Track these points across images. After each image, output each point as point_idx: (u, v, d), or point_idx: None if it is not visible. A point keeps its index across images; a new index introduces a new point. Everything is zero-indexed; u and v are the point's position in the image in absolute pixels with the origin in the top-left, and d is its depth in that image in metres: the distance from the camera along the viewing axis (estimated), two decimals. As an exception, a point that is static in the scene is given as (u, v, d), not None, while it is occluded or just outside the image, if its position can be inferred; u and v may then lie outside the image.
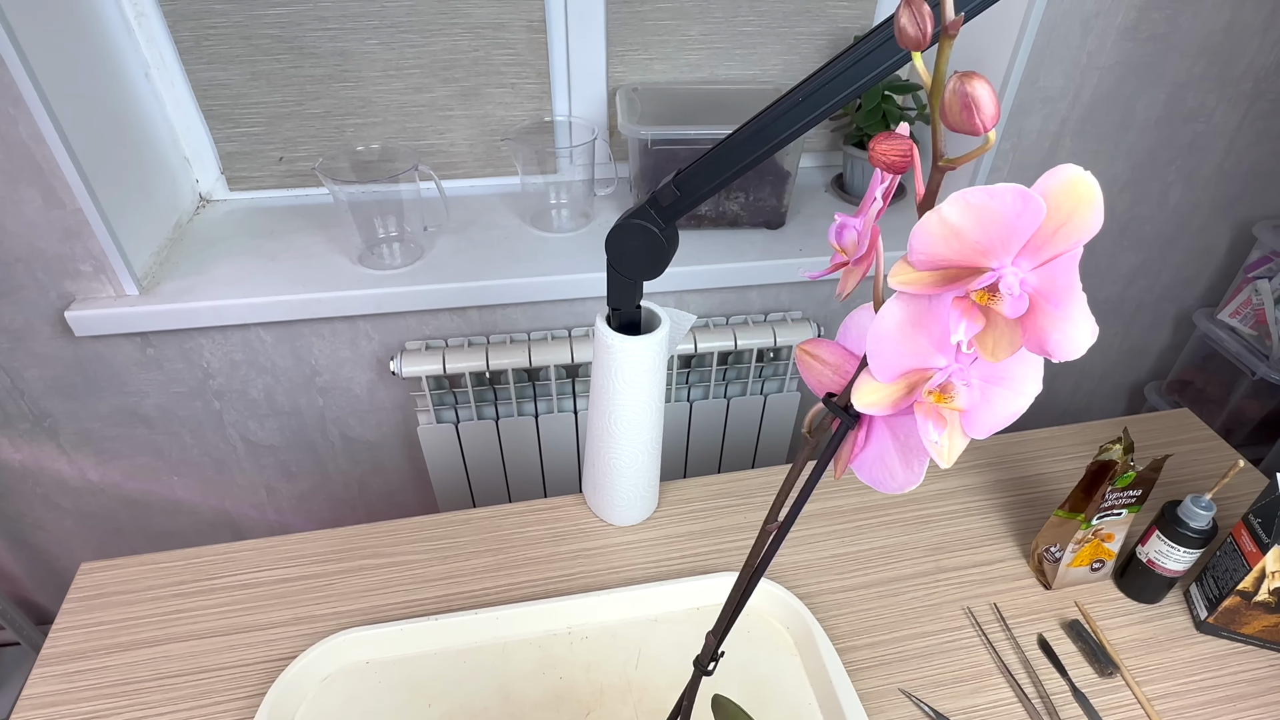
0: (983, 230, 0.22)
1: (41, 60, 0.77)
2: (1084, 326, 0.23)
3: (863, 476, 0.32)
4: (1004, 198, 0.22)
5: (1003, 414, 0.27)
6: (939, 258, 0.23)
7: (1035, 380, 0.27)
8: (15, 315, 0.93)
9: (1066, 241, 0.22)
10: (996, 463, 0.83)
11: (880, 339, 0.26)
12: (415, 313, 1.01)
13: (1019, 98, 0.97)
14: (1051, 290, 0.23)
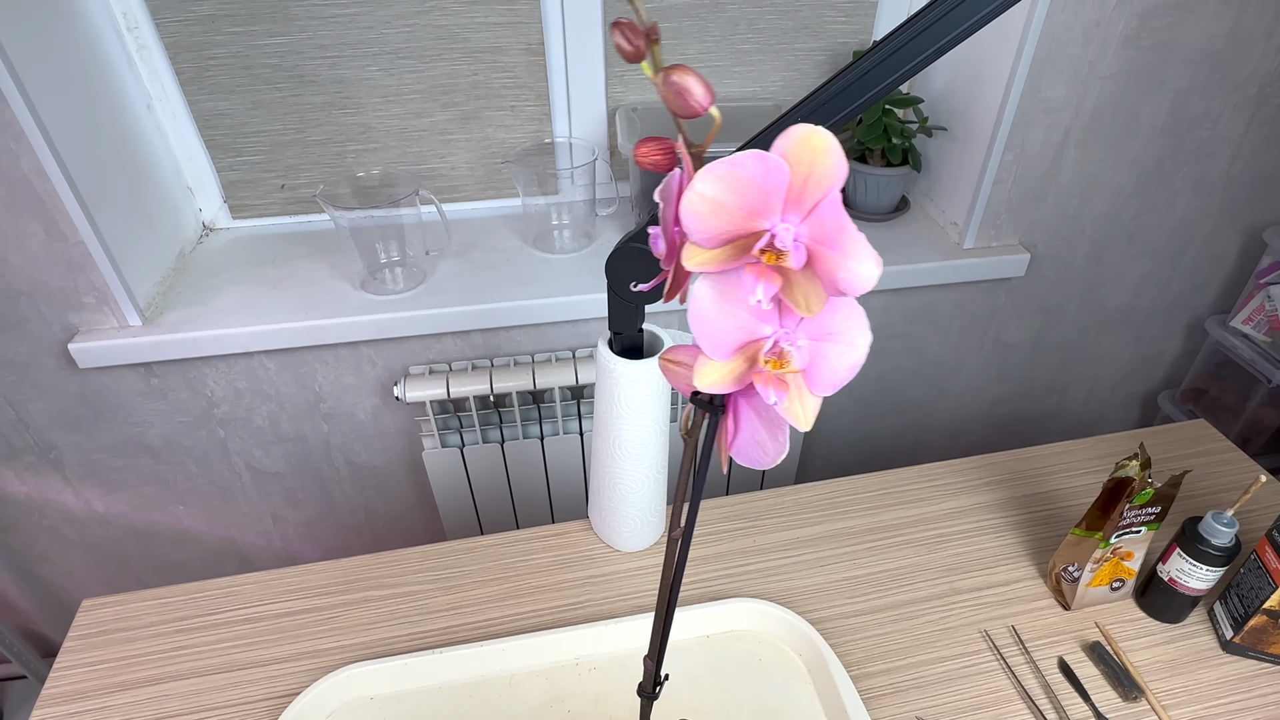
0: (740, 196, 0.24)
1: (43, 95, 0.77)
2: (864, 260, 0.24)
3: (742, 460, 0.33)
4: (746, 164, 0.24)
5: (841, 368, 0.28)
6: (716, 231, 0.25)
7: (862, 331, 0.28)
8: (19, 348, 0.93)
9: (819, 190, 0.24)
10: (1010, 479, 0.81)
11: (702, 320, 0.27)
12: (418, 337, 1.01)
13: (1021, 109, 0.96)
14: (823, 235, 0.25)
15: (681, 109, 0.25)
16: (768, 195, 0.25)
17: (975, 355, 1.24)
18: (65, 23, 0.82)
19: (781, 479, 1.23)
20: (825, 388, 0.29)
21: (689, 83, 0.24)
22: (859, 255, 0.25)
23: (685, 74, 0.24)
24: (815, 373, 0.29)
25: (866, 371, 1.21)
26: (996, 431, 1.38)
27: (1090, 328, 1.26)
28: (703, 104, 0.25)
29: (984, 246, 1.08)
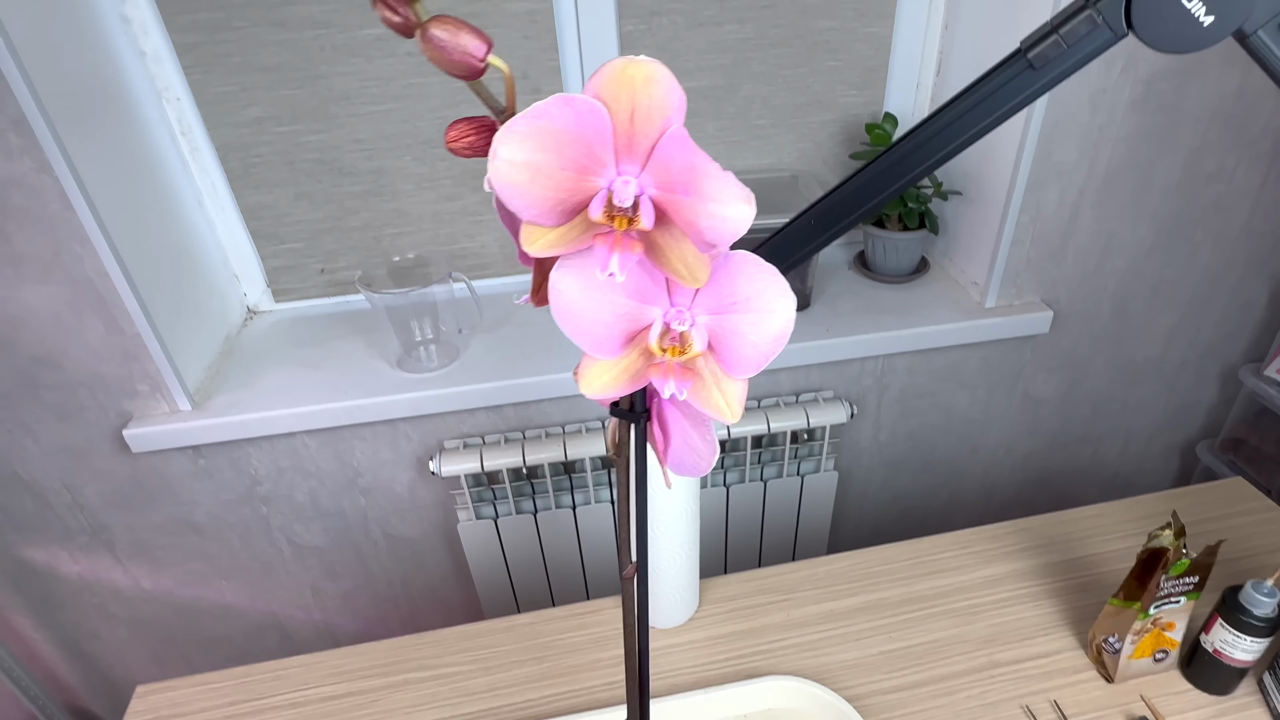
0: (557, 153, 0.21)
1: (107, 201, 0.83)
2: (729, 200, 0.20)
3: (680, 471, 0.30)
4: (550, 112, 0.20)
5: (760, 341, 0.24)
6: (546, 201, 0.21)
7: (777, 294, 0.24)
8: (77, 435, 0.97)
9: (650, 127, 0.20)
10: (1044, 545, 0.81)
11: (571, 314, 0.24)
12: (453, 413, 1.04)
13: (1034, 173, 0.98)
14: (671, 179, 0.21)
15: (456, 67, 0.21)
16: (590, 145, 0.21)
17: (1004, 411, 1.24)
18: (128, 133, 0.89)
19: (813, 545, 1.23)
20: (745, 367, 0.25)
21: (449, 33, 0.21)
22: (721, 195, 0.21)
23: (442, 25, 0.21)
24: (728, 352, 0.25)
25: (895, 430, 1.21)
26: (1031, 487, 1.36)
27: (1120, 380, 1.25)
28: (476, 54, 0.21)
29: (1006, 305, 1.09)
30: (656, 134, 0.21)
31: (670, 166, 0.21)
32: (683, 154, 0.21)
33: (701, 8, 1.00)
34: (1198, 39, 0.33)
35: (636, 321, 0.24)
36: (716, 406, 0.25)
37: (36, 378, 0.91)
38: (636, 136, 0.21)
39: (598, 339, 0.24)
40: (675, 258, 0.23)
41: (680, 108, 0.21)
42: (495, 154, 0.21)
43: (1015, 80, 0.37)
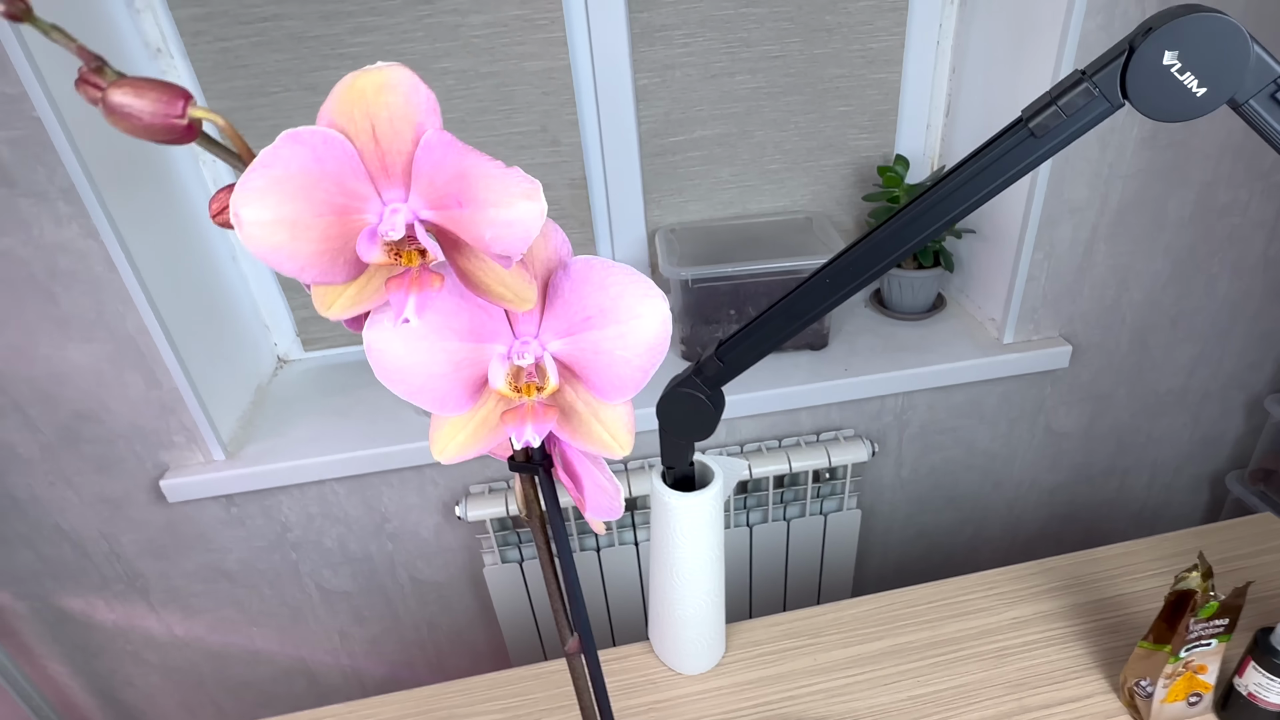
0: (307, 200, 0.18)
1: (147, 262, 0.87)
2: (510, 199, 0.18)
3: (600, 515, 0.27)
4: (281, 158, 0.18)
5: (632, 353, 0.21)
6: (319, 257, 0.18)
7: (640, 295, 0.21)
8: (116, 486, 1.00)
9: (401, 140, 0.18)
10: (1071, 585, 0.80)
11: (401, 375, 0.21)
12: (477, 458, 1.06)
13: (1046, 210, 0.99)
14: (441, 193, 0.18)
15: (159, 132, 0.19)
16: (341, 181, 0.18)
17: (1027, 445, 1.23)
18: (167, 194, 0.93)
19: (838, 583, 1.22)
20: (621, 388, 0.22)
21: (131, 95, 0.18)
22: (499, 197, 0.18)
23: (122, 89, 0.18)
24: (596, 375, 0.22)
25: (916, 466, 1.21)
26: (1058, 521, 1.35)
27: (1144, 412, 1.25)
28: (172, 110, 0.18)
29: (1024, 341, 1.10)
30: (410, 147, 0.18)
31: (435, 179, 0.18)
32: (446, 161, 0.18)
33: (713, 60, 1.03)
34: (1192, 109, 0.35)
35: (480, 365, 0.21)
36: (600, 440, 0.23)
37: (79, 431, 0.95)
38: (388, 156, 0.18)
39: (439, 395, 0.21)
40: (492, 281, 0.20)
41: (430, 110, 0.18)
42: (238, 219, 0.18)
43: (1018, 148, 0.38)
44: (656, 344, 0.22)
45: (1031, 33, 0.93)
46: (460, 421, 0.22)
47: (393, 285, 0.19)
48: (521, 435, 0.22)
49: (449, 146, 0.18)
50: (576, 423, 0.24)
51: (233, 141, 0.20)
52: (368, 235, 0.19)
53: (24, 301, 0.85)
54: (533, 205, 0.19)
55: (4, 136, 0.76)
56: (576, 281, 0.22)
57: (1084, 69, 0.36)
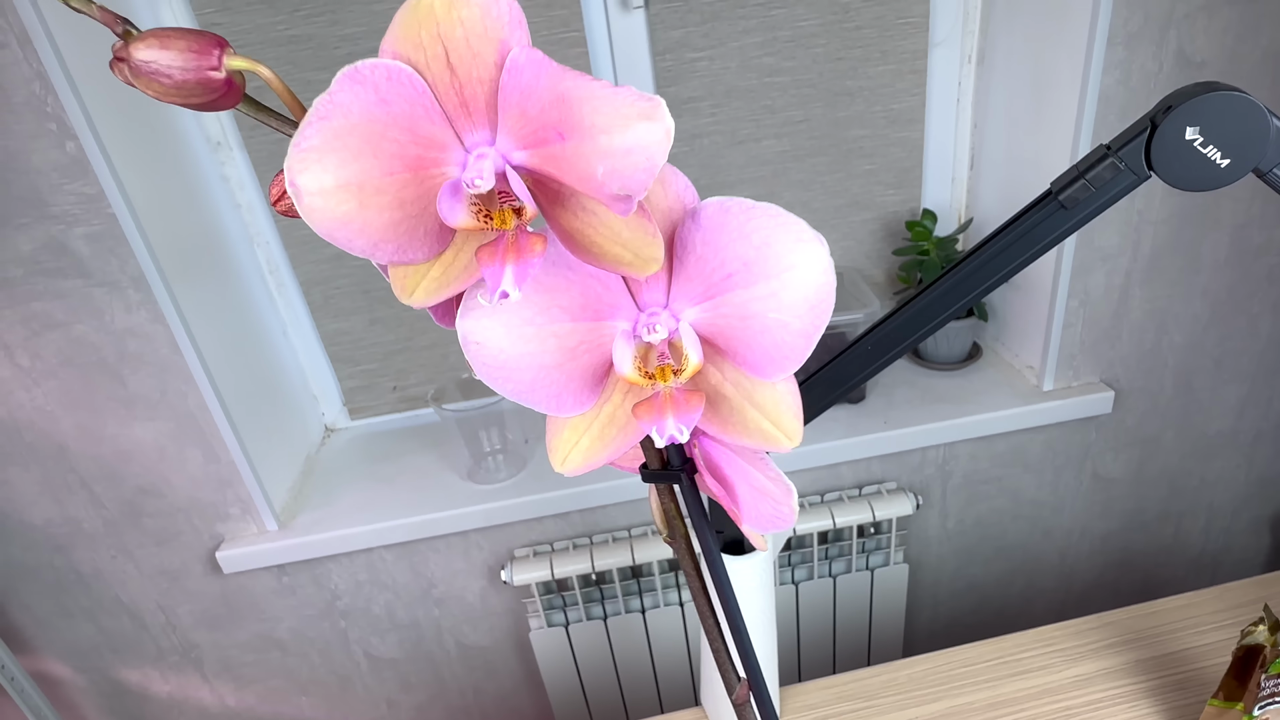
0: (375, 156, 0.15)
1: (208, 342, 0.91)
2: (623, 120, 0.15)
3: (761, 526, 0.23)
4: (340, 105, 0.15)
5: (790, 315, 0.17)
6: (396, 228, 0.15)
7: (791, 239, 0.17)
8: (174, 559, 1.03)
9: (482, 66, 0.15)
10: (1133, 640, 0.78)
11: (505, 371, 0.17)
12: (522, 521, 1.07)
13: (1077, 259, 1.00)
14: (537, 127, 0.15)
15: (193, 91, 0.16)
16: (413, 126, 0.15)
17: (1074, 493, 1.21)
18: (225, 277, 0.98)
19: (889, 641, 1.20)
20: (780, 360, 0.18)
21: (155, 50, 0.15)
22: (611, 119, 0.15)
23: (146, 43, 0.15)
24: (747, 347, 0.18)
25: (962, 518, 1.20)
26: (1114, 569, 1.31)
27: (1194, 455, 1.22)
28: (206, 61, 0.15)
29: (1064, 387, 1.09)
30: (493, 73, 0.15)
31: (527, 109, 0.15)
32: (539, 84, 0.15)
33: (739, 127, 1.07)
34: (1217, 179, 0.36)
35: (600, 348, 0.18)
36: (759, 431, 0.18)
37: (141, 506, 0.98)
38: (468, 88, 0.15)
39: (554, 391, 0.18)
40: (605, 240, 0.16)
41: (516, 23, 0.15)
42: (297, 190, 0.15)
43: (1048, 220, 0.40)
44: (819, 301, 0.17)
45: (1050, 88, 0.95)
46: (582, 422, 0.18)
47: (484, 255, 0.16)
48: (663, 430, 0.17)
49: (541, 66, 0.15)
50: (726, 411, 0.19)
51: (282, 98, 0.17)
52: (450, 190, 0.15)
53: (95, 384, 0.90)
54: (654, 127, 0.15)
55: (82, 232, 0.82)
56: (710, 231, 0.17)
57: (1109, 144, 0.38)
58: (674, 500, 0.22)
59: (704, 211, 0.18)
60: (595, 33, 0.99)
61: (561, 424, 0.18)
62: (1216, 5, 0.87)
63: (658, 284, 0.18)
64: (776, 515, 0.23)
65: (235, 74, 0.17)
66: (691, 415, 0.17)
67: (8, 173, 0.78)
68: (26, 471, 0.94)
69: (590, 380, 0.18)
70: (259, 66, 0.17)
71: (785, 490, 0.22)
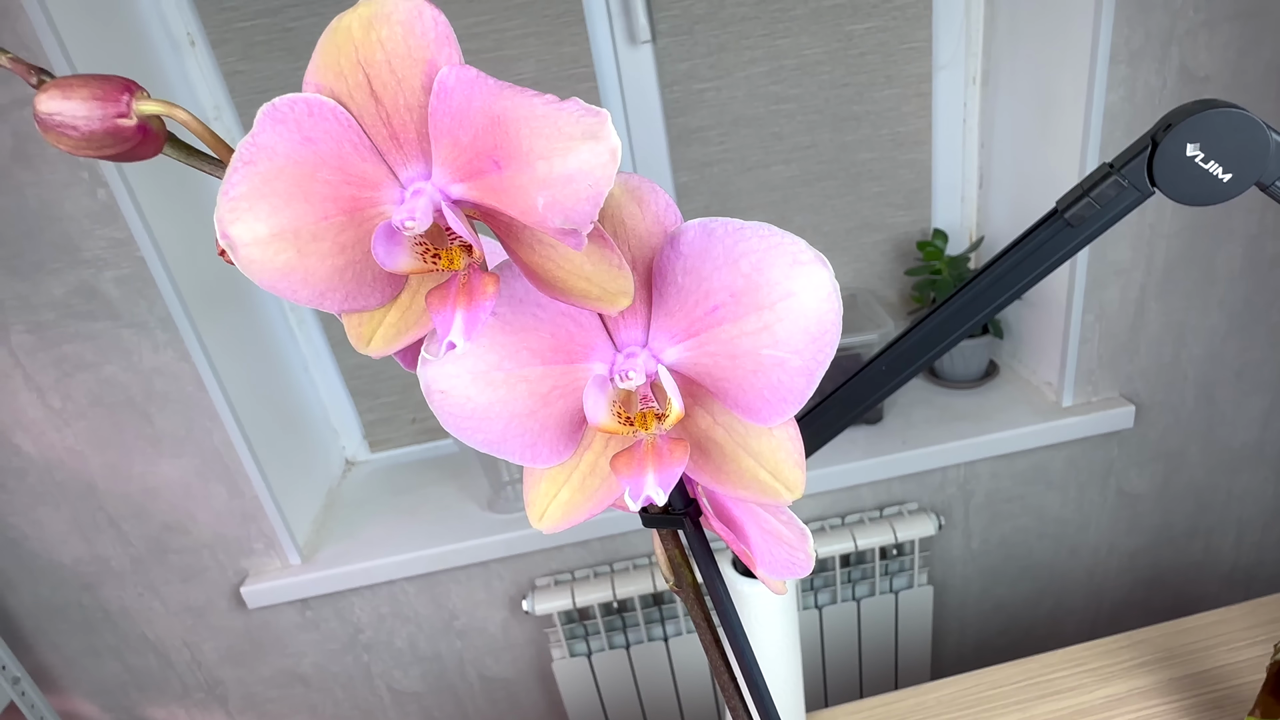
0: (307, 199, 0.14)
1: (232, 379, 0.93)
2: (562, 143, 0.13)
3: (777, 574, 0.22)
4: (262, 147, 0.14)
5: (787, 349, 0.15)
6: (342, 273, 0.14)
7: (785, 262, 0.16)
8: (199, 594, 1.04)
9: (409, 91, 0.13)
10: (1165, 658, 0.77)
11: (474, 422, 0.16)
12: (542, 550, 1.07)
13: (1091, 274, 1.00)
14: (476, 154, 0.13)
15: (106, 141, 0.15)
16: (342, 163, 0.14)
17: (1099, 510, 1.20)
18: (247, 315, 1.00)
19: (916, 664, 1.18)
20: (777, 403, 0.16)
21: (58, 100, 0.14)
22: (548, 143, 0.13)
23: (49, 95, 0.14)
24: (738, 387, 0.16)
25: (986, 537, 1.18)
26: (1143, 587, 1.29)
27: (1220, 468, 1.20)
28: (112, 109, 0.14)
29: (1084, 403, 1.09)
30: (422, 97, 0.13)
31: (460, 137, 0.13)
32: (473, 107, 0.13)
33: (748, 154, 1.09)
34: (1220, 193, 0.37)
35: (576, 393, 0.16)
36: (754, 481, 0.17)
37: (167, 543, 0.99)
38: (395, 117, 0.14)
39: (528, 441, 0.16)
40: (567, 274, 0.14)
41: (442, 40, 0.13)
42: (231, 242, 0.14)
43: (1056, 238, 0.40)
44: (821, 332, 0.15)
45: (1056, 106, 0.96)
46: (560, 473, 0.16)
47: (433, 300, 0.14)
48: (638, 489, 0.15)
49: (473, 85, 0.13)
50: (719, 459, 0.17)
51: (204, 140, 0.15)
52: (384, 234, 0.14)
53: (123, 422, 0.91)
54: (597, 147, 0.13)
55: (112, 275, 0.84)
56: (693, 259, 0.15)
57: (1111, 163, 0.39)
58: (679, 546, 0.21)
59: (684, 236, 0.16)
60: (604, 67, 1.01)
61: (538, 475, 0.17)
62: (1217, 21, 0.88)
63: (636, 320, 0.16)
64: (791, 562, 0.21)
65: (151, 119, 0.16)
66: (673, 470, 0.16)
67: (42, 220, 0.81)
68: (57, 511, 0.96)
69: (567, 428, 0.16)
70: (173, 109, 0.16)
71: (800, 535, 0.21)
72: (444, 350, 0.14)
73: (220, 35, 0.93)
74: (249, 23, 0.92)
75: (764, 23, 1.01)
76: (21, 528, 0.97)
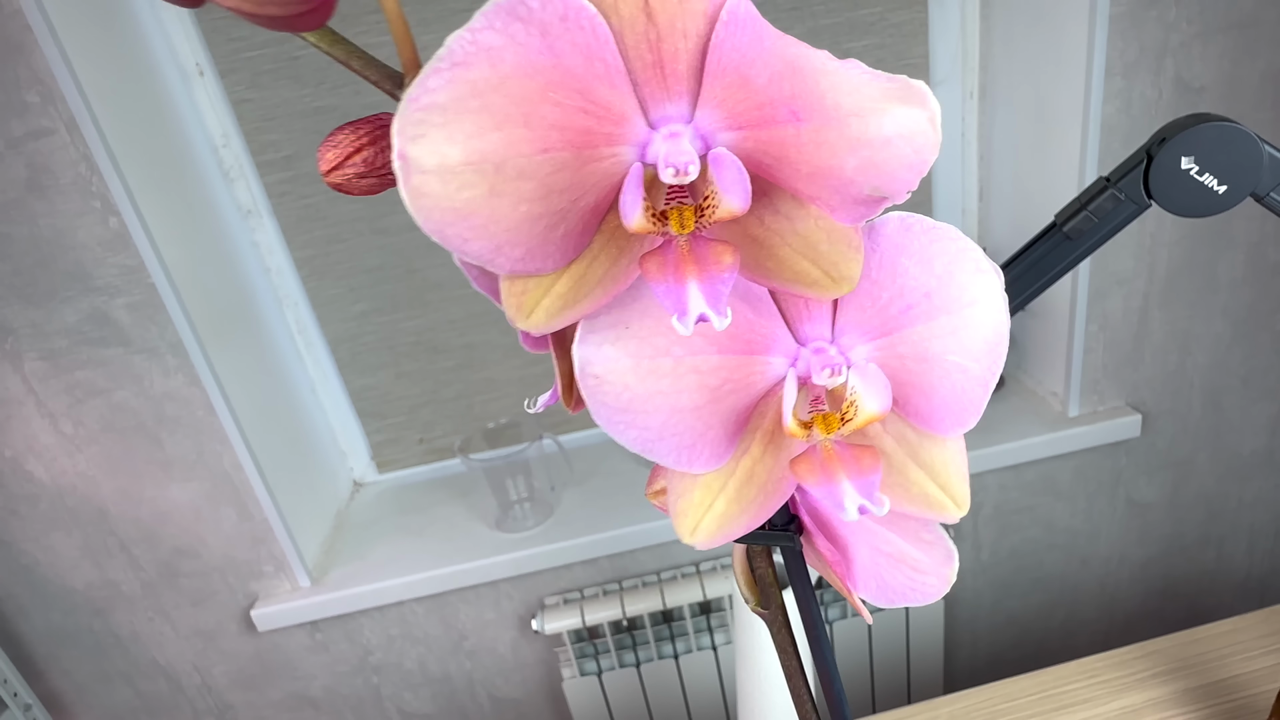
0: (527, 123, 0.11)
1: (241, 403, 0.94)
2: (878, 102, 0.12)
3: (886, 600, 0.19)
4: (490, 49, 0.11)
5: (970, 359, 0.14)
6: (533, 224, 0.12)
7: (970, 268, 0.14)
8: (209, 618, 1.04)
9: (689, 16, 0.12)
10: (1179, 668, 0.76)
11: (631, 414, 0.14)
12: (551, 569, 1.07)
13: (1093, 284, 1.00)
14: (767, 101, 0.12)
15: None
16: (585, 87, 0.12)
17: (1109, 519, 1.19)
18: (256, 338, 1.01)
19: (928, 678, 1.17)
20: (959, 412, 0.15)
21: None
22: (862, 101, 0.12)
23: None
24: (921, 394, 0.15)
25: (996, 549, 1.18)
26: (1156, 597, 1.28)
27: (1230, 476, 1.20)
28: None
29: (1090, 413, 1.09)
30: (703, 25, 0.12)
31: (753, 78, 0.12)
32: (765, 46, 0.12)
33: (749, 172, 1.10)
34: (1217, 204, 0.37)
35: (747, 390, 0.14)
36: (924, 496, 0.15)
37: (177, 567, 1.00)
38: (667, 43, 0.12)
39: (690, 440, 0.14)
40: (793, 253, 0.13)
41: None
42: (407, 163, 0.11)
43: (1056, 250, 0.41)
44: (998, 342, 0.15)
45: (1053, 119, 0.97)
46: (716, 480, 0.14)
47: (652, 267, 0.12)
48: (841, 499, 0.13)
49: (761, 23, 0.12)
50: (884, 471, 0.16)
51: (394, 28, 0.12)
52: (636, 181, 0.12)
53: (134, 448, 0.92)
54: (916, 112, 0.12)
55: (123, 302, 0.85)
56: (889, 254, 0.15)
57: (1108, 176, 0.39)
58: (770, 565, 0.18)
59: (884, 228, 0.15)
60: (605, 89, 1.03)
61: (690, 483, 0.15)
62: (1210, 32, 0.89)
63: (821, 314, 0.15)
64: (913, 587, 0.18)
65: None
66: (870, 479, 0.14)
67: (55, 249, 0.82)
68: (69, 536, 0.97)
69: (731, 428, 0.14)
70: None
71: (943, 557, 0.17)
72: (693, 324, 0.12)
73: (228, 64, 0.94)
74: (256, 52, 0.94)
75: (762, 42, 1.02)
76: (34, 554, 0.98)
